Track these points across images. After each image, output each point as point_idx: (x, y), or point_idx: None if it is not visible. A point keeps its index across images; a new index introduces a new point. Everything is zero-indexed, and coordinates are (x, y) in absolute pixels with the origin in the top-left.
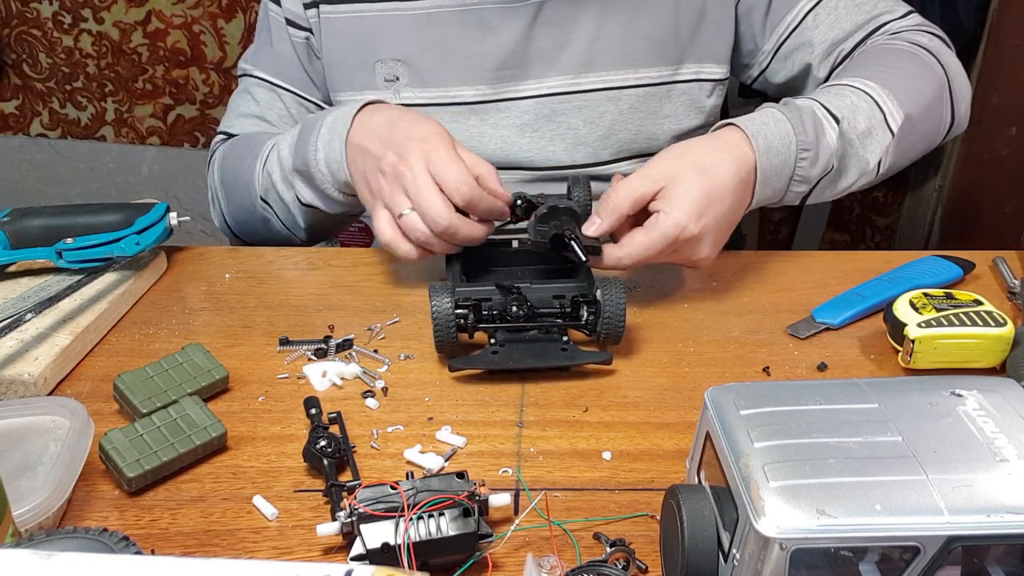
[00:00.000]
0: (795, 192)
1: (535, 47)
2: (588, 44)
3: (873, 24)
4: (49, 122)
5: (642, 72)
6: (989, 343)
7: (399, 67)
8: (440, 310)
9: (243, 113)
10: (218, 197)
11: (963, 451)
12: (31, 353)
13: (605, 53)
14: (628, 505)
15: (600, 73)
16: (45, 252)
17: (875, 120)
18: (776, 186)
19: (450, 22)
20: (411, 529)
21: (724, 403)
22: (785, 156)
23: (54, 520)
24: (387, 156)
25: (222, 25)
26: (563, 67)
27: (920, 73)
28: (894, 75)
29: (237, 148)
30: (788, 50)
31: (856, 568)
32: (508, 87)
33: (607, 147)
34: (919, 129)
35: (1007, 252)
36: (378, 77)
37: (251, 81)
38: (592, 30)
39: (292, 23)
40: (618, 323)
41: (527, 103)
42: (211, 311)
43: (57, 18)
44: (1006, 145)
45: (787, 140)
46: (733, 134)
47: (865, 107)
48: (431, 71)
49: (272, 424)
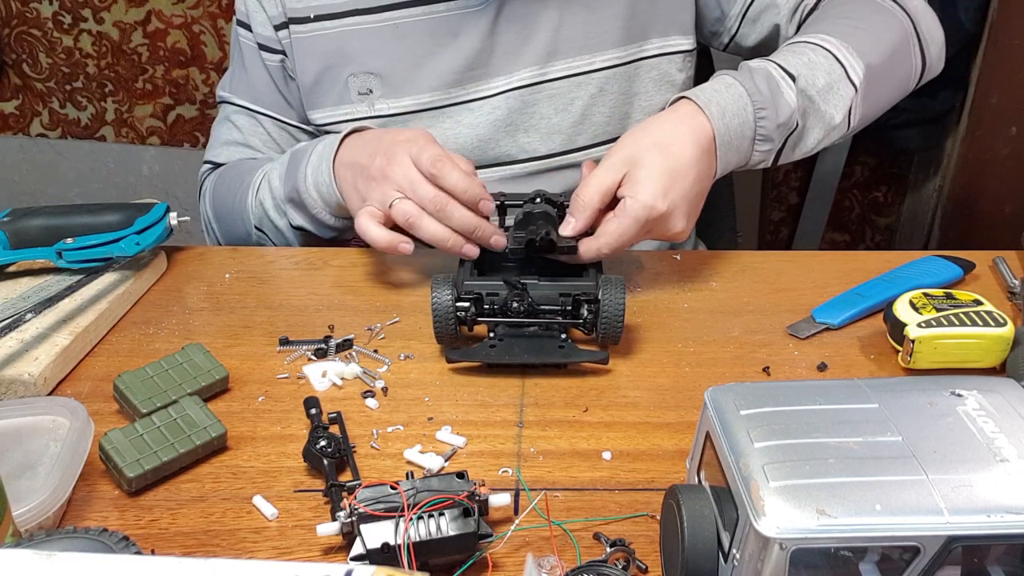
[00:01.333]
0: (761, 152)
1: (500, 44)
2: (551, 34)
3: None
4: (49, 122)
5: (609, 53)
6: (989, 343)
7: (371, 80)
8: (440, 302)
9: (227, 141)
10: (212, 227)
11: (963, 451)
12: (31, 353)
13: (569, 40)
14: (628, 505)
15: (566, 60)
16: (45, 252)
17: (835, 75)
18: (740, 148)
19: (417, 31)
20: (411, 529)
21: (724, 403)
22: (742, 118)
23: (54, 520)
24: (375, 161)
25: (222, 25)
26: (528, 59)
27: (882, 22)
28: (853, 27)
29: (227, 177)
30: (755, 13)
31: (856, 568)
32: (478, 86)
33: (581, 132)
34: (886, 78)
35: (1007, 252)
36: (351, 91)
37: (230, 109)
38: (554, 19)
39: (264, 47)
40: (616, 322)
41: (498, 99)
42: (211, 311)
43: (57, 18)
44: (1006, 145)
45: (742, 103)
46: (687, 107)
47: (823, 62)
48: (403, 81)
49: (272, 424)
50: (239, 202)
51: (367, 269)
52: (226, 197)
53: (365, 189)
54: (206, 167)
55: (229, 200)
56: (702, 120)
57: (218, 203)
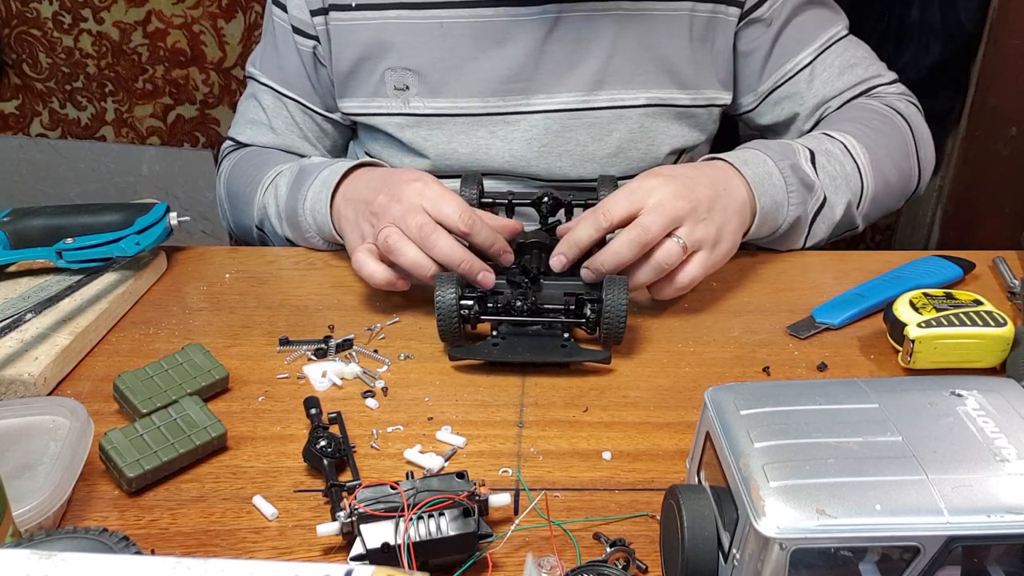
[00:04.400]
0: (795, 205)
1: (547, 62)
2: (601, 62)
3: (863, 87)
4: (49, 122)
5: (653, 92)
6: (989, 343)
7: (409, 76)
8: (444, 300)
9: (251, 120)
10: (224, 207)
11: (963, 451)
12: (31, 353)
13: (617, 72)
14: (628, 505)
15: (611, 91)
16: (45, 252)
17: (848, 167)
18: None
19: (463, 33)
20: (411, 529)
21: (724, 403)
22: (768, 169)
23: (54, 520)
24: (378, 199)
25: (222, 25)
26: (575, 83)
27: (892, 135)
28: (869, 133)
29: (244, 166)
30: (779, 96)
31: (856, 568)
32: (518, 100)
33: (614, 164)
34: (890, 185)
35: (1007, 252)
36: (388, 85)
37: (258, 86)
38: (606, 48)
39: (299, 31)
40: (619, 322)
41: (536, 117)
42: (211, 311)
43: (57, 18)
44: (1006, 145)
45: (763, 158)
46: (718, 163)
47: (839, 154)
48: (441, 81)
49: (272, 424)
50: (248, 195)
51: None
52: (238, 186)
53: (366, 227)
54: (228, 144)
55: (240, 190)
56: (718, 162)
57: (231, 189)
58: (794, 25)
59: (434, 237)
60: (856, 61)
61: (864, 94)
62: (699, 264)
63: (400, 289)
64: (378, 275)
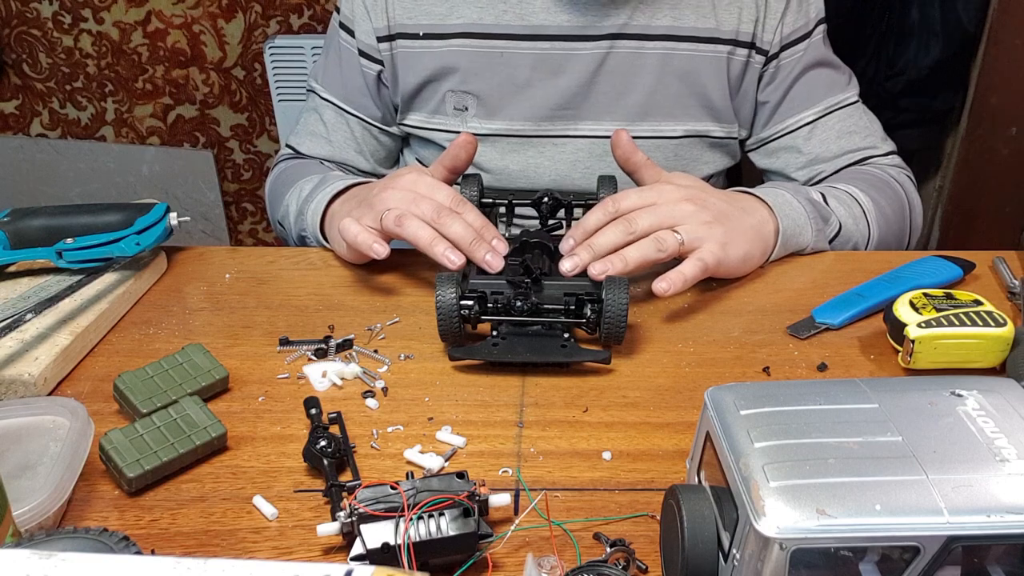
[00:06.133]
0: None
1: (597, 92)
2: (646, 96)
3: (858, 155)
4: (49, 122)
5: (690, 125)
6: (989, 343)
7: (468, 99)
8: (443, 300)
9: (311, 132)
10: (267, 203)
11: (963, 451)
12: (31, 353)
13: (659, 105)
14: (628, 505)
15: (653, 123)
16: (45, 252)
17: (856, 211)
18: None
19: (522, 63)
20: (411, 529)
21: (724, 403)
22: (786, 198)
23: (54, 520)
24: (373, 190)
25: (222, 25)
26: (621, 113)
27: (890, 194)
28: (869, 190)
29: (289, 173)
30: (776, 147)
31: (856, 568)
32: (567, 125)
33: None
34: (887, 237)
35: (1007, 252)
36: (448, 105)
37: (319, 101)
38: (651, 83)
39: (365, 55)
40: (619, 322)
41: (582, 142)
42: (211, 311)
43: (57, 18)
44: (1006, 145)
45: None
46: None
47: (848, 199)
48: (498, 105)
49: (272, 424)
50: (282, 194)
51: (367, 269)
52: (279, 188)
53: (362, 210)
54: (287, 150)
55: (281, 190)
56: (750, 196)
57: (273, 189)
58: (804, 82)
59: (450, 218)
60: (856, 129)
61: (859, 163)
62: (695, 264)
63: (379, 255)
64: (361, 235)
